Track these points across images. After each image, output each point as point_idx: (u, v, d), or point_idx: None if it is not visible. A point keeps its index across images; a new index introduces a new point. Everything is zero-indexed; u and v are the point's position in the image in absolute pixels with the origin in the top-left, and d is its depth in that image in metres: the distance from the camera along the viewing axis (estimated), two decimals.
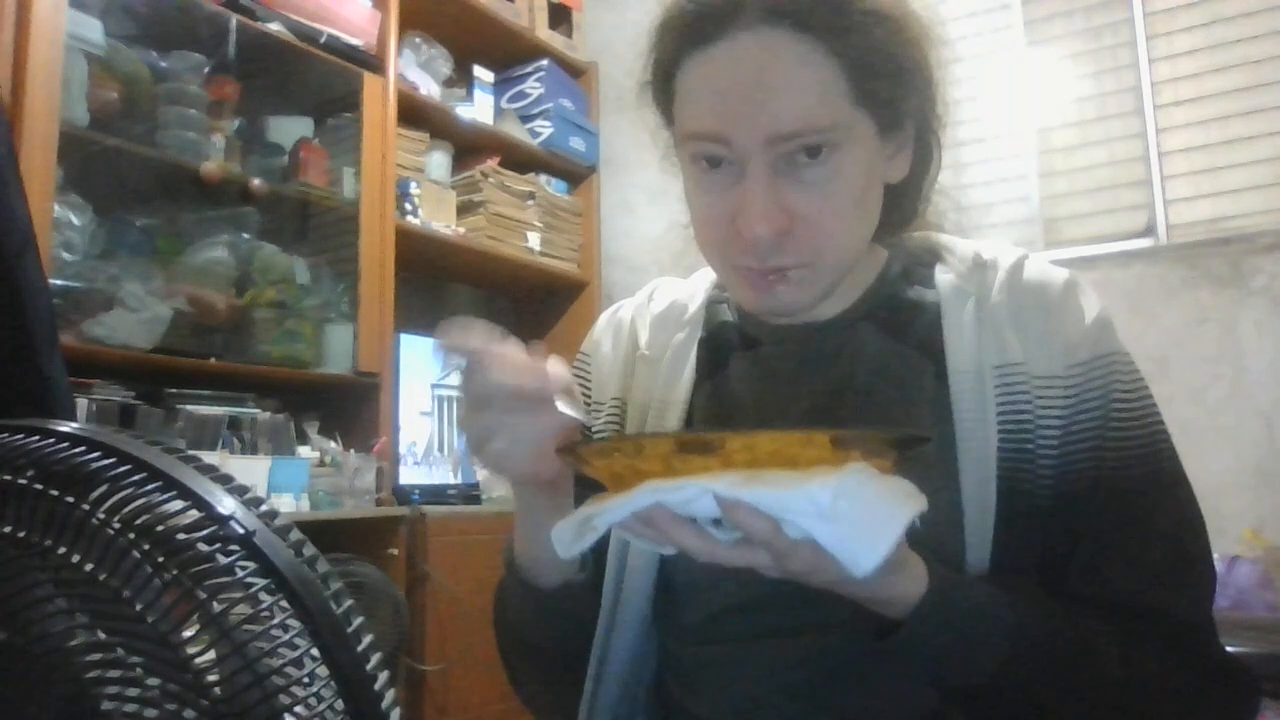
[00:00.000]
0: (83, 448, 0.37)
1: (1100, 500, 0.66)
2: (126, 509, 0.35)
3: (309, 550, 0.36)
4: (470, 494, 2.65)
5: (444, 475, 2.68)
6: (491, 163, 2.89)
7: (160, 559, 0.34)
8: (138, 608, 0.34)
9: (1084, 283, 0.73)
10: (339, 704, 0.34)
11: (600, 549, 0.74)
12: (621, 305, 0.88)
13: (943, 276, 0.75)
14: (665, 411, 0.78)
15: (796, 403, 0.74)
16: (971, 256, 0.75)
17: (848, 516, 0.48)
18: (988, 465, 0.66)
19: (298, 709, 0.33)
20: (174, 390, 2.05)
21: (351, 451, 2.28)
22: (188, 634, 0.34)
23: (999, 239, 0.80)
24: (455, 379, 0.60)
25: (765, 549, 0.51)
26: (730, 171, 0.67)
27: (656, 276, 0.91)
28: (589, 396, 0.85)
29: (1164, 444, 0.69)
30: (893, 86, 0.67)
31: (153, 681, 0.34)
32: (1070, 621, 0.62)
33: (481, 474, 2.74)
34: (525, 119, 3.05)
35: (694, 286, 0.86)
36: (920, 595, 0.57)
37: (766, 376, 0.77)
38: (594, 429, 0.82)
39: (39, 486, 0.36)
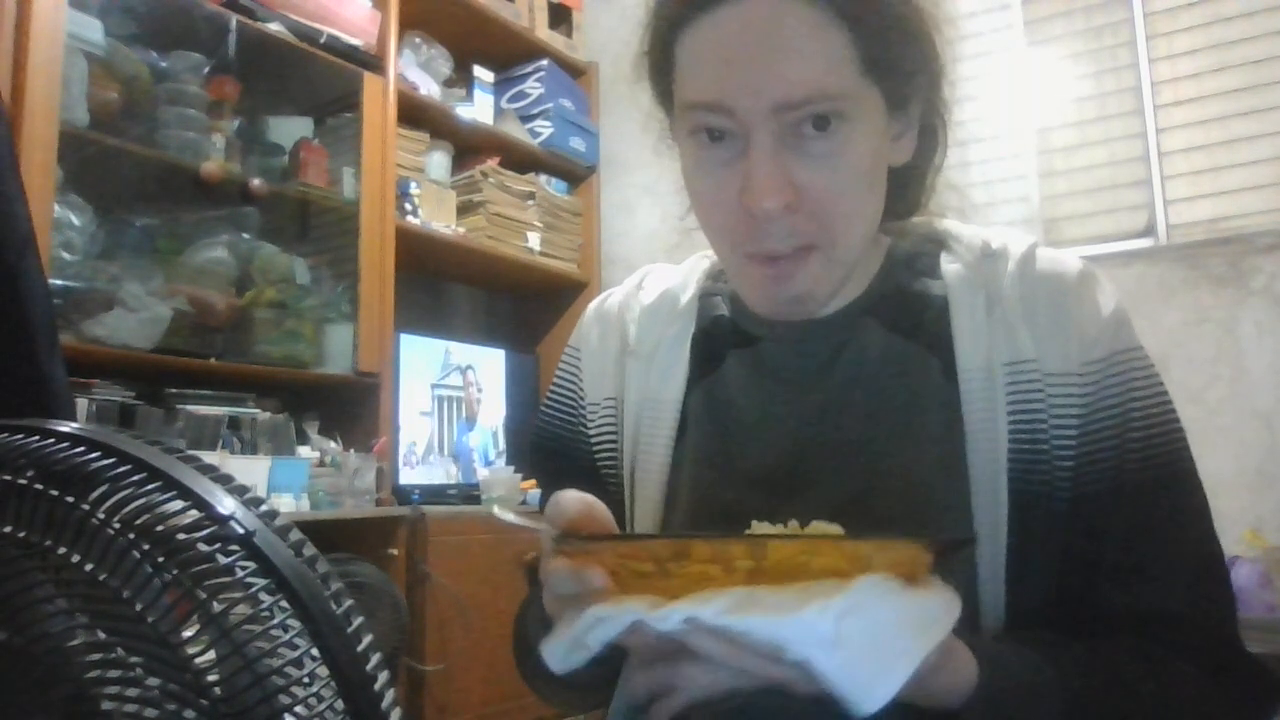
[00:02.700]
0: (83, 448, 0.37)
1: (1124, 503, 0.64)
2: (126, 509, 0.35)
3: (309, 550, 0.36)
4: (470, 494, 2.65)
5: (444, 475, 2.69)
6: (491, 163, 2.89)
7: (160, 559, 0.34)
8: (138, 608, 0.34)
9: (1098, 274, 0.70)
10: (339, 704, 0.34)
11: None
12: (610, 294, 0.85)
13: (949, 266, 0.72)
14: (658, 413, 0.75)
15: (796, 406, 0.72)
16: (980, 245, 0.72)
17: (854, 643, 0.42)
18: (998, 467, 0.64)
19: (298, 709, 0.33)
20: (174, 390, 2.05)
21: (351, 451, 2.28)
22: (188, 634, 0.34)
23: (1005, 227, 0.77)
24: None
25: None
26: (733, 145, 0.64)
27: None
28: (580, 394, 0.82)
29: (1183, 443, 0.67)
30: (902, 57, 0.64)
31: (153, 681, 0.34)
32: (1101, 662, 0.60)
33: (481, 474, 2.74)
34: (525, 119, 3.05)
35: (686, 275, 0.82)
36: (970, 689, 0.54)
37: (764, 377, 0.74)
38: (590, 431, 0.80)
39: (39, 486, 0.36)
